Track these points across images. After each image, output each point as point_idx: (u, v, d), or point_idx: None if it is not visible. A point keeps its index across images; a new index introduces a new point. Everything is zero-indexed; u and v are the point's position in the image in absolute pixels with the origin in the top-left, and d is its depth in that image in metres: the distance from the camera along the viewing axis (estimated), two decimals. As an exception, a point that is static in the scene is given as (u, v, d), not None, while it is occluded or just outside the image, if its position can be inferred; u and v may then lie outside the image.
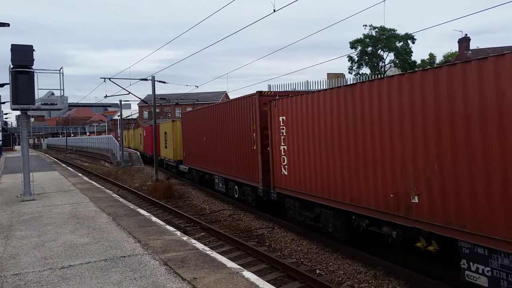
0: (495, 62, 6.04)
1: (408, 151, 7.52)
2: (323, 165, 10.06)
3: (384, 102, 8.03)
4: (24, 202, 12.95)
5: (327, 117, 9.86)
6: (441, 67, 6.96)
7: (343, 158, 9.31)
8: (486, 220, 6.18)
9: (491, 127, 6.07)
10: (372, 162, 8.42)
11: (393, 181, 7.85)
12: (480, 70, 6.22)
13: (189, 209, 16.88)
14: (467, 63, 6.44)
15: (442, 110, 6.81)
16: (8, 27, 15.96)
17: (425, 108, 7.11)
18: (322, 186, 10.13)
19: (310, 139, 10.54)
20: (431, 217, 7.08)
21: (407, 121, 7.53)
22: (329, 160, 9.81)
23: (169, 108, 77.58)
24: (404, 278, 8.11)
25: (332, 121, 9.63)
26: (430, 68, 7.24)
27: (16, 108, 13.17)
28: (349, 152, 9.10)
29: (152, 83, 26.16)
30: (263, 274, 8.56)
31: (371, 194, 8.45)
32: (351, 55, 53.85)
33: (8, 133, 65.78)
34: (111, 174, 30.86)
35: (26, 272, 6.21)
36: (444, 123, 6.78)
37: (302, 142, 10.94)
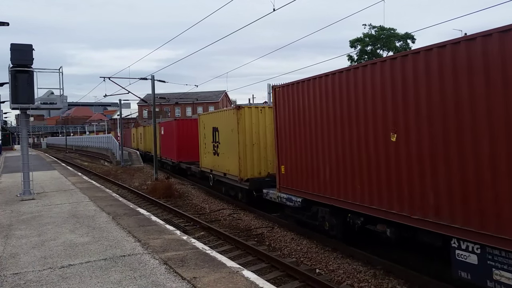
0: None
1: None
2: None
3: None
4: (23, 201, 12.95)
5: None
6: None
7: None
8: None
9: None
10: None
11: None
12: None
13: (188, 208, 16.88)
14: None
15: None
16: (7, 26, 15.93)
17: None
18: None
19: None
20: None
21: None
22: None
23: (169, 107, 77.61)
24: (404, 277, 8.12)
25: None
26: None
27: (15, 108, 13.17)
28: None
29: (151, 82, 26.14)
30: (263, 274, 8.57)
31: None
32: (350, 54, 53.82)
33: (8, 132, 65.75)
34: (110, 174, 30.86)
35: (26, 271, 6.21)
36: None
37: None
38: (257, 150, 14.87)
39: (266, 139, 14.78)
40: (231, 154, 15.72)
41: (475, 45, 6.25)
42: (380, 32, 51.73)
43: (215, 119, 17.85)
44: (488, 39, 6.10)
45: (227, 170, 16.30)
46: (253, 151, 14.85)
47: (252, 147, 14.83)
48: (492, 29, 6.08)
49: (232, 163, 15.62)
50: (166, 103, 59.65)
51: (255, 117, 14.98)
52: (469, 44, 6.36)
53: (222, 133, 16.84)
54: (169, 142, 27.64)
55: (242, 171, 14.88)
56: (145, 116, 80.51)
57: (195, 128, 22.39)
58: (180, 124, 25.79)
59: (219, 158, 17.24)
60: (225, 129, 16.28)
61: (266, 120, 14.84)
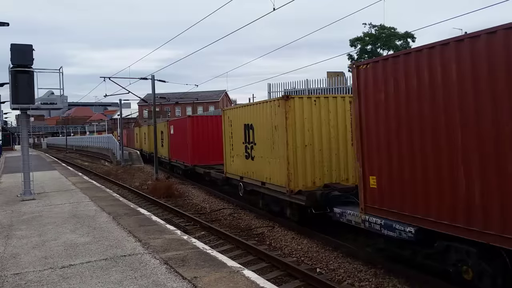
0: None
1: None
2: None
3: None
4: (24, 201, 12.95)
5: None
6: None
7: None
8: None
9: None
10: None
11: None
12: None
13: (189, 208, 16.88)
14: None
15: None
16: (7, 27, 15.94)
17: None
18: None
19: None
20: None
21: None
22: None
23: (169, 107, 77.62)
24: (404, 276, 8.11)
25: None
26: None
27: (16, 108, 13.19)
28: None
29: (152, 82, 26.15)
30: (264, 273, 8.56)
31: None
32: (350, 54, 53.77)
33: (8, 132, 65.79)
34: (111, 174, 30.86)
35: (26, 271, 6.21)
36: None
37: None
38: (310, 153, 11.58)
39: (322, 138, 11.69)
40: (274, 158, 12.30)
41: None
42: (380, 31, 51.71)
43: (249, 114, 14.21)
44: None
45: (267, 178, 12.85)
46: (305, 154, 11.55)
47: (304, 149, 11.53)
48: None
49: (275, 170, 12.27)
50: (166, 103, 59.63)
51: (307, 110, 11.67)
52: None
53: (259, 132, 13.35)
54: (181, 142, 24.06)
55: (293, 181, 11.38)
56: (146, 116, 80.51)
57: (214, 126, 20.54)
58: (196, 122, 22.35)
59: (255, 162, 13.74)
60: (264, 126, 12.89)
61: (321, 113, 11.76)
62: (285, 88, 26.33)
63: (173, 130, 26.23)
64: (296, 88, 25.75)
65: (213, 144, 20.07)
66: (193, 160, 21.97)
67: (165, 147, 28.31)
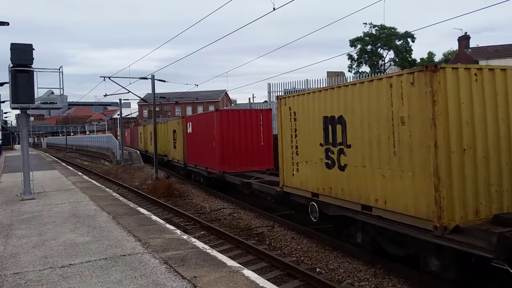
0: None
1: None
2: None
3: None
4: (24, 201, 12.96)
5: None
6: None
7: None
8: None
9: None
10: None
11: None
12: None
13: (189, 207, 16.89)
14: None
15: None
16: (7, 26, 15.94)
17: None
18: None
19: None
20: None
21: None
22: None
23: (169, 107, 77.65)
24: (404, 276, 8.12)
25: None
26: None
27: (16, 107, 13.19)
28: None
29: (151, 81, 26.14)
30: (263, 273, 8.56)
31: None
32: (351, 54, 53.85)
33: (8, 132, 65.80)
34: (111, 173, 30.86)
35: (26, 271, 6.22)
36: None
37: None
38: (470, 162, 6.94)
39: (487, 138, 7.07)
40: (398, 169, 7.60)
41: None
42: (380, 31, 51.74)
43: (334, 101, 9.35)
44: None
45: (378, 201, 8.09)
46: (463, 164, 6.90)
47: (462, 156, 6.90)
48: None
49: (399, 188, 7.54)
50: (166, 102, 59.62)
51: (464, 89, 7.03)
52: None
53: (358, 127, 8.66)
54: (203, 143, 19.60)
55: (446, 210, 6.70)
56: (146, 115, 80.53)
57: (250, 122, 17.63)
58: (226, 117, 17.80)
59: (347, 174, 9.07)
60: (372, 119, 8.21)
61: (485, 96, 7.13)
62: (285, 88, 26.31)
63: (191, 128, 21.80)
64: (296, 87, 25.72)
65: (248, 145, 17.26)
66: (221, 165, 17.48)
67: (179, 148, 24.19)
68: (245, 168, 17.26)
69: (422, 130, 6.98)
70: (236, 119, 17.77)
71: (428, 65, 7.00)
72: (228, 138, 17.45)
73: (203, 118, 20.34)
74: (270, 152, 17.52)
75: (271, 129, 18.04)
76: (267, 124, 17.88)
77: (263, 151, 17.65)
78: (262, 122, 17.82)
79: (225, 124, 17.60)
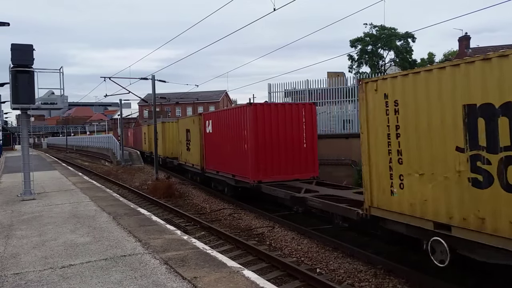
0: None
1: None
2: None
3: None
4: (24, 201, 12.95)
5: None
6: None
7: None
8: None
9: None
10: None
11: None
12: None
13: (189, 208, 16.89)
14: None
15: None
16: (8, 27, 15.95)
17: None
18: None
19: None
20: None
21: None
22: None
23: (169, 107, 77.68)
24: (404, 276, 8.12)
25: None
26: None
27: (16, 108, 13.18)
28: None
29: (152, 82, 26.15)
30: (264, 273, 8.57)
31: None
32: (351, 54, 53.81)
33: (8, 132, 65.80)
34: (111, 173, 30.87)
35: (26, 271, 6.21)
36: None
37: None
38: None
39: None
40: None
41: None
42: (380, 31, 51.74)
43: (494, 79, 6.15)
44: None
45: None
46: None
47: None
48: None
49: None
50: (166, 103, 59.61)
51: None
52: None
53: None
54: (228, 145, 16.61)
55: None
56: (146, 116, 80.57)
57: (291, 118, 14.81)
58: (261, 113, 14.61)
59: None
60: None
61: None
62: (285, 88, 26.33)
63: (212, 127, 18.58)
64: (296, 88, 25.74)
65: (288, 148, 14.59)
66: (256, 173, 14.47)
67: (194, 151, 21.04)
68: (284, 176, 14.43)
69: None
70: (274, 116, 14.73)
71: None
72: (264, 139, 14.51)
73: (229, 115, 16.76)
74: (315, 156, 15.18)
75: (315, 128, 15.56)
76: (310, 121, 15.18)
77: (305, 154, 14.94)
78: (305, 119, 14.97)
79: (260, 122, 14.56)
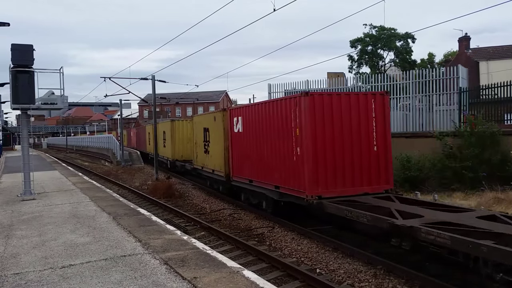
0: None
1: None
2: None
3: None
4: (24, 201, 12.96)
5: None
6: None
7: None
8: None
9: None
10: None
11: None
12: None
13: (189, 208, 16.89)
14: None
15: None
16: (8, 27, 15.96)
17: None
18: None
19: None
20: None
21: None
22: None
23: (169, 107, 77.69)
24: (404, 277, 8.12)
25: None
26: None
27: (16, 108, 13.19)
28: None
29: (152, 82, 26.16)
30: (264, 273, 8.57)
31: None
32: (351, 54, 53.82)
33: (8, 132, 65.82)
34: (111, 174, 30.87)
35: (26, 271, 6.22)
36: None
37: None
38: None
39: None
40: None
41: None
42: (380, 32, 51.74)
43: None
44: None
45: None
46: None
47: None
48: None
49: None
50: (166, 103, 59.63)
51: None
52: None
53: None
54: (268, 148, 12.96)
55: None
56: (146, 116, 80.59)
57: (358, 112, 11.14)
58: (319, 105, 10.95)
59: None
60: None
61: None
62: (285, 89, 26.33)
63: (242, 125, 14.76)
64: (296, 88, 25.74)
65: (354, 152, 11.09)
66: (314, 186, 10.77)
67: (215, 154, 17.55)
68: (350, 189, 10.96)
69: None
70: (336, 109, 10.94)
71: None
72: (323, 140, 10.86)
73: (269, 109, 12.78)
74: (388, 163, 11.51)
75: (388, 125, 11.67)
76: (381, 117, 11.41)
77: (376, 160, 11.30)
78: (375, 113, 11.26)
79: (319, 117, 10.82)
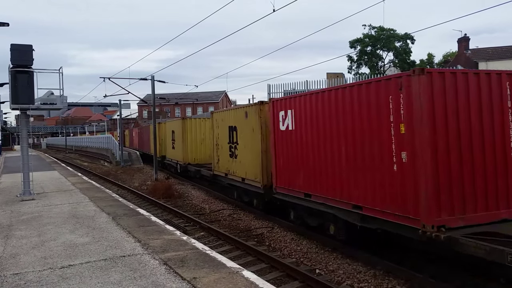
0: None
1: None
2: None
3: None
4: (23, 201, 12.95)
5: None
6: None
7: None
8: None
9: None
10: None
11: None
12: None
13: (188, 208, 16.88)
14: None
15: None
16: (8, 27, 15.95)
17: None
18: None
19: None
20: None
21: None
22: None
23: (169, 107, 77.67)
24: (404, 277, 8.12)
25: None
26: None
27: (15, 108, 13.19)
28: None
29: (151, 82, 26.17)
30: (263, 274, 8.57)
31: None
32: (350, 55, 53.92)
33: (8, 132, 65.76)
34: (110, 174, 30.85)
35: (26, 271, 6.22)
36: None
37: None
38: None
39: None
40: None
41: None
42: (379, 32, 51.81)
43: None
44: None
45: None
46: None
47: None
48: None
49: None
50: (166, 103, 59.65)
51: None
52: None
53: None
54: (342, 151, 9.19)
55: None
56: (145, 116, 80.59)
57: (490, 98, 7.50)
58: (440, 87, 7.15)
59: None
60: None
61: None
62: (284, 89, 26.37)
63: (294, 122, 11.20)
64: (295, 89, 25.78)
65: (487, 156, 7.54)
66: (434, 210, 7.03)
67: (246, 158, 14.55)
68: (485, 214, 7.43)
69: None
70: (462, 94, 7.43)
71: None
72: (445, 141, 7.27)
73: (343, 98, 9.15)
74: None
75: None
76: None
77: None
78: (511, 102, 7.81)
79: (439, 107, 7.26)
